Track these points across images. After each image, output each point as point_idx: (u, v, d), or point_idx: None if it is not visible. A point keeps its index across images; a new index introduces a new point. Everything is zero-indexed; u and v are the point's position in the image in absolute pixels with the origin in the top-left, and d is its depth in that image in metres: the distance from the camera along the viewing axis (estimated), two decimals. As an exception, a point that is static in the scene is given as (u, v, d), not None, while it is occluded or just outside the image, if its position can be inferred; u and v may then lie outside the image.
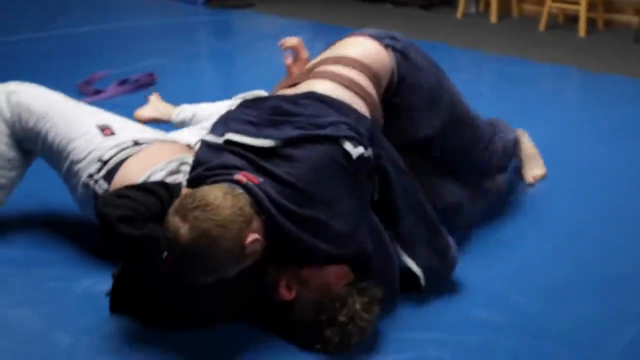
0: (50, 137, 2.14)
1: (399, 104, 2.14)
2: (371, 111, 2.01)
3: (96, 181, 2.03)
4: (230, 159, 1.78)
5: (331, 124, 1.81)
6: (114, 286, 1.84)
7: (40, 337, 1.85)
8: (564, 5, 5.39)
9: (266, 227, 1.70)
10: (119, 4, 6.19)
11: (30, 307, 1.97)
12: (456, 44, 4.89)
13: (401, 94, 2.13)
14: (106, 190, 1.99)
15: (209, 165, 1.78)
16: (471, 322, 1.93)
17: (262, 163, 1.75)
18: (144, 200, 1.72)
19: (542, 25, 5.37)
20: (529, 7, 5.90)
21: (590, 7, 5.26)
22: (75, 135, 2.12)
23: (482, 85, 4.25)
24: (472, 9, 6.01)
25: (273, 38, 2.46)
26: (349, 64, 2.04)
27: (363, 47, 2.12)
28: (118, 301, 1.85)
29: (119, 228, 1.65)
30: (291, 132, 1.80)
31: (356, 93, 1.99)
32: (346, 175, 1.78)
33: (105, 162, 2.04)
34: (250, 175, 1.71)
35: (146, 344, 1.81)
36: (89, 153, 2.07)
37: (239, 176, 1.70)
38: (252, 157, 1.77)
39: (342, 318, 1.72)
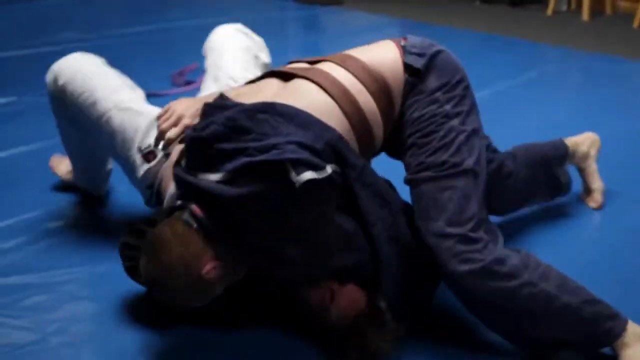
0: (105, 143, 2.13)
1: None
2: (354, 124, 1.75)
3: (154, 205, 2.06)
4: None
5: (275, 146, 1.58)
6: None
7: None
8: (661, 2, 5.26)
9: (226, 253, 1.63)
10: (218, 1, 6.38)
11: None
12: (544, 41, 4.84)
13: (396, 133, 1.83)
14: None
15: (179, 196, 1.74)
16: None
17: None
18: (140, 244, 1.76)
19: (636, 22, 5.24)
20: (623, 4, 5.77)
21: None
22: (123, 156, 2.07)
23: (567, 80, 4.20)
24: (564, 7, 5.92)
25: (360, 33, 2.47)
26: (349, 67, 1.80)
27: (380, 53, 1.84)
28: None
29: (133, 279, 1.82)
30: (236, 162, 1.59)
31: (336, 101, 1.74)
32: (291, 203, 1.57)
33: (150, 187, 2.03)
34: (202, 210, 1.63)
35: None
36: (139, 182, 2.05)
37: (193, 207, 1.63)
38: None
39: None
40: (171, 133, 1.78)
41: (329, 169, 1.58)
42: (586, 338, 1.67)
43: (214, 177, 1.61)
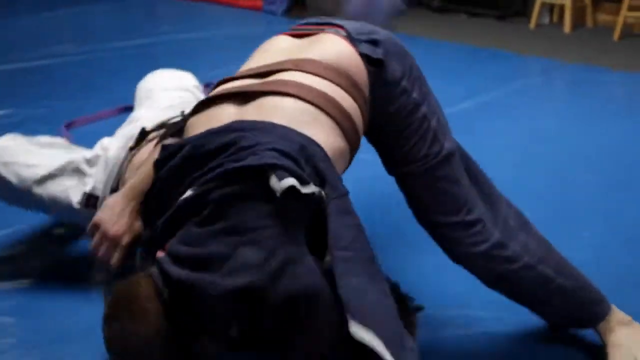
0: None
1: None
2: (345, 130, 1.57)
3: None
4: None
5: (253, 152, 1.38)
6: None
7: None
8: (640, 15, 5.40)
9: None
10: (208, 15, 6.46)
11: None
12: (528, 53, 4.97)
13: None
14: None
15: None
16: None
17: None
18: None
19: (616, 35, 5.38)
20: (603, 17, 5.91)
21: (667, 17, 5.26)
22: (74, 217, 2.07)
23: (551, 90, 4.33)
24: (546, 20, 6.05)
25: None
26: (312, 70, 1.59)
27: (329, 48, 1.65)
28: None
29: None
30: (209, 174, 1.41)
31: (323, 110, 1.54)
32: (268, 213, 1.34)
33: None
34: (167, 246, 1.40)
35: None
36: None
37: (159, 253, 1.41)
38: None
39: None
40: (114, 261, 1.55)
41: (313, 187, 1.37)
42: (573, 318, 1.82)
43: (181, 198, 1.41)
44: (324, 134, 1.51)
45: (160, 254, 1.38)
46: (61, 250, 2.33)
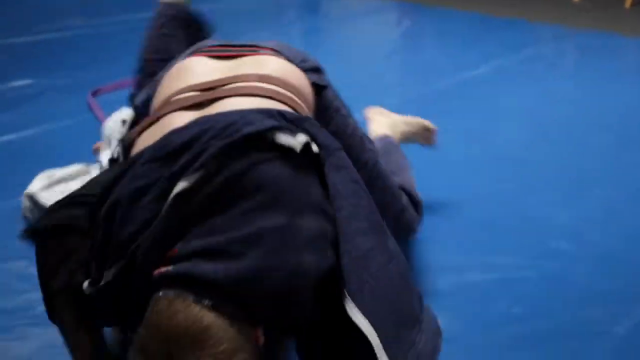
0: None
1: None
2: None
3: None
4: None
5: (247, 123, 1.23)
6: None
7: None
8: (652, -19, 5.37)
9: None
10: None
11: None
12: (540, 20, 4.96)
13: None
14: None
15: None
16: (550, 251, 2.14)
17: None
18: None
19: (627, 3, 5.36)
20: (615, -16, 5.87)
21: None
22: None
23: (563, 56, 4.33)
24: (557, -13, 6.02)
25: (361, 16, 2.51)
26: (279, 83, 1.49)
27: (286, 68, 1.57)
28: None
29: None
30: (201, 159, 1.21)
31: (293, 109, 1.44)
32: (292, 172, 1.21)
33: None
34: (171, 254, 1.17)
35: None
36: None
37: (161, 271, 1.15)
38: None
39: None
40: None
41: (316, 146, 1.27)
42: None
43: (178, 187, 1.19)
44: None
45: (165, 269, 1.13)
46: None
